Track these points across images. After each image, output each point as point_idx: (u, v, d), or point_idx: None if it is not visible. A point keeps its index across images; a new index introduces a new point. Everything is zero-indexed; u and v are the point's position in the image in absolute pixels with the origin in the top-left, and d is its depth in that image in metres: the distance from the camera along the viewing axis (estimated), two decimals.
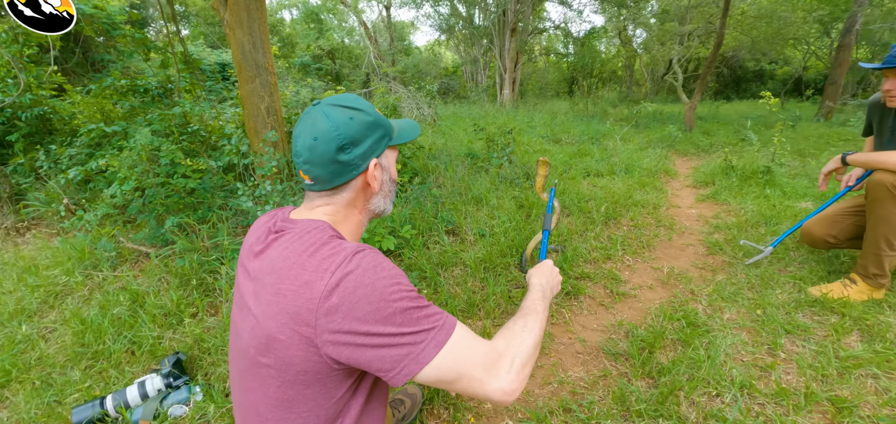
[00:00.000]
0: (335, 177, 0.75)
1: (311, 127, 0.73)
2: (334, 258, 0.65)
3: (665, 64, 14.04)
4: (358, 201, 0.81)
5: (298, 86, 7.12)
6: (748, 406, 1.37)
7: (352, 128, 0.74)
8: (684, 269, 2.30)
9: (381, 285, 0.63)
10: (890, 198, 1.69)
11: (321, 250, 0.67)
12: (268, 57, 2.96)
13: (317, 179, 0.75)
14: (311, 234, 0.70)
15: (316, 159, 0.73)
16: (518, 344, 0.73)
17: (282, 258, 0.68)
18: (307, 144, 0.73)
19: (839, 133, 6.05)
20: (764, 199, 3.17)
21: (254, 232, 0.81)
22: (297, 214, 0.79)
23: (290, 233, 0.71)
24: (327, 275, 0.63)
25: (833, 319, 1.76)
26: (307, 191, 0.80)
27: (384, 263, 0.67)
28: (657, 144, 5.99)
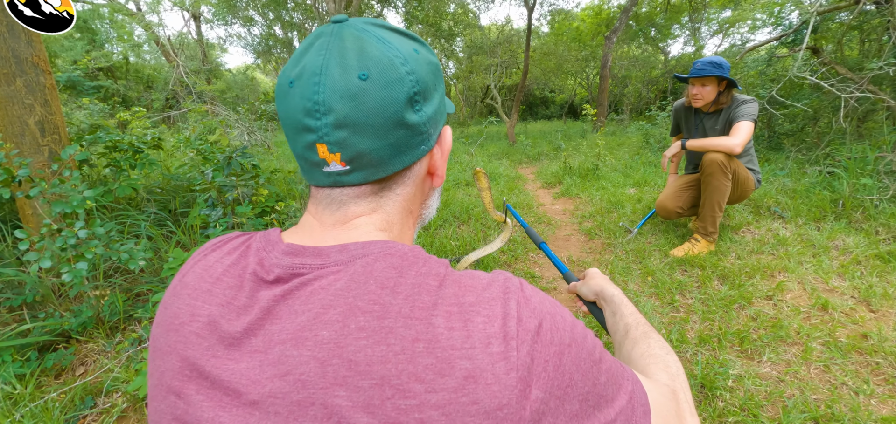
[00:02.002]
0: (397, 154, 0.42)
1: (353, 55, 0.39)
2: (489, 307, 0.35)
3: (483, 89, 16.07)
4: (416, 201, 0.49)
5: (68, 108, 5.27)
6: (690, 356, 1.53)
7: (421, 68, 0.42)
8: (579, 256, 2.52)
9: (579, 335, 0.37)
10: (720, 172, 2.20)
11: (458, 297, 0.35)
12: (38, 50, 2.03)
13: (360, 161, 0.40)
14: (409, 269, 0.37)
15: (364, 119, 0.38)
16: (675, 369, 0.53)
17: (357, 335, 0.32)
18: (346, 88, 0.38)
19: (616, 139, 7.94)
20: (604, 190, 3.83)
21: (200, 288, 0.40)
22: (312, 237, 0.43)
23: (340, 277, 0.36)
24: (508, 345, 0.32)
25: (698, 271, 2.17)
26: (325, 188, 0.44)
27: (549, 297, 0.41)
28: (498, 156, 6.69)
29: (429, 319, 0.33)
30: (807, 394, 1.36)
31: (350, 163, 0.41)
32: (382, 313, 0.33)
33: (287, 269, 0.39)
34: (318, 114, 0.38)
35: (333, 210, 0.44)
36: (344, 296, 0.34)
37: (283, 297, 0.37)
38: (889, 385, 1.40)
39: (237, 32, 13.81)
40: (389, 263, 0.37)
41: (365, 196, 0.44)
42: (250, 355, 0.35)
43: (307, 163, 0.42)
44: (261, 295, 0.38)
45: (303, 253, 0.40)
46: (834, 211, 2.67)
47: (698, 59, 2.28)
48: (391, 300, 0.34)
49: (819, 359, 1.51)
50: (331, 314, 0.34)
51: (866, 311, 1.78)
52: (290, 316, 0.35)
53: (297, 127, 0.40)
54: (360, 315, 0.33)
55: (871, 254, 2.18)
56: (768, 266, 2.16)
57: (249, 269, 0.40)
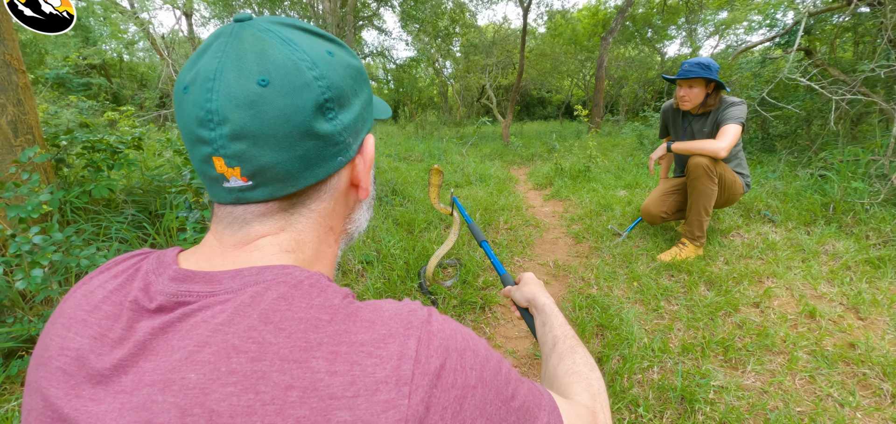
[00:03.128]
0: (307, 167, 0.37)
1: (252, 58, 0.34)
2: (384, 346, 0.30)
3: (479, 89, 16.03)
4: (337, 217, 0.44)
5: (57, 106, 5.19)
6: (672, 366, 1.48)
7: (335, 72, 0.38)
8: (565, 260, 2.47)
9: (490, 373, 0.34)
10: (705, 176, 2.15)
11: (349, 335, 0.31)
12: (10, 48, 1.97)
13: (263, 176, 0.36)
14: (300, 300, 0.32)
15: (265, 130, 0.34)
16: (596, 388, 0.52)
17: (226, 381, 0.28)
18: (243, 95, 0.33)
19: (611, 140, 7.90)
20: (594, 192, 3.78)
21: (75, 317, 0.36)
22: (209, 260, 0.38)
23: (226, 307, 0.32)
24: (400, 391, 0.28)
25: (684, 277, 2.12)
26: (227, 206, 0.39)
27: (463, 327, 0.37)
28: (491, 157, 6.64)
29: (308, 362, 0.28)
30: (791, 406, 1.31)
31: (252, 179, 0.36)
32: (259, 354, 0.28)
33: (171, 297, 0.34)
34: (212, 124, 0.34)
35: (235, 229, 0.39)
36: (223, 333, 0.30)
37: (162, 330, 0.32)
38: (875, 396, 1.35)
39: None
40: (279, 293, 0.32)
41: (272, 214, 0.39)
42: (115, 396, 0.30)
43: (207, 179, 0.37)
44: (139, 326, 0.33)
45: (192, 279, 0.35)
46: (824, 214, 2.63)
47: (686, 59, 2.23)
48: (272, 338, 0.29)
49: (805, 369, 1.47)
50: (204, 353, 0.29)
51: (855, 319, 1.74)
52: (166, 352, 0.31)
53: (192, 138, 0.35)
54: (234, 356, 0.28)
55: (861, 260, 2.13)
56: (757, 271, 2.12)
57: (131, 296, 0.35)
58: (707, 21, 12.91)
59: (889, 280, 1.97)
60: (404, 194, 3.51)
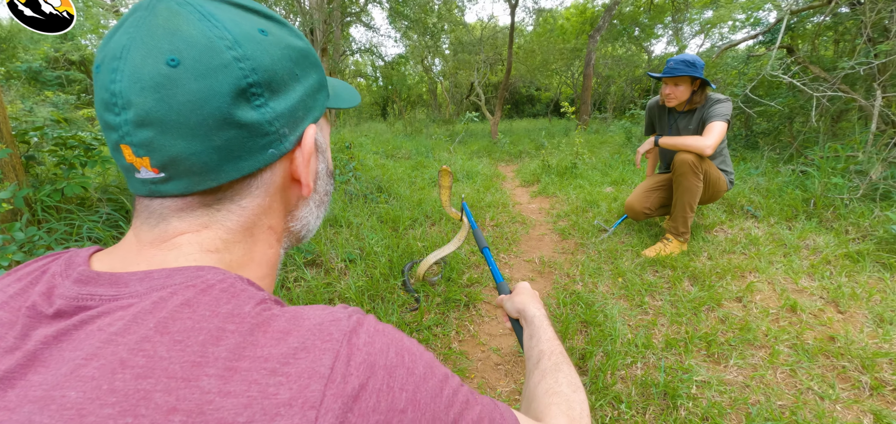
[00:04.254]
0: (228, 160, 0.33)
1: (162, 35, 0.31)
2: (298, 362, 0.27)
3: (468, 86, 16.00)
4: (276, 215, 0.40)
5: (30, 102, 5.01)
6: (655, 362, 1.48)
7: (266, 53, 0.34)
8: (550, 257, 2.46)
9: (428, 393, 0.30)
10: (691, 173, 2.15)
11: (258, 349, 0.27)
12: None
13: (176, 168, 0.32)
14: (205, 308, 0.29)
15: (174, 116, 0.31)
16: (578, 412, 0.48)
17: (105, 400, 0.24)
18: (149, 77, 0.30)
19: (598, 138, 7.93)
20: (581, 189, 3.79)
21: None
22: (124, 260, 0.35)
23: (126, 314, 0.28)
24: (306, 416, 0.25)
25: (668, 272, 2.12)
26: (146, 199, 0.36)
27: (403, 339, 0.33)
28: (479, 154, 6.62)
29: (198, 380, 0.24)
30: (772, 400, 1.31)
31: (164, 170, 0.32)
32: (146, 370, 0.25)
33: (72, 301, 0.30)
34: (117, 108, 0.30)
35: (152, 225, 0.35)
36: (114, 344, 0.26)
37: (56, 338, 0.28)
38: (855, 389, 1.36)
39: None
40: (184, 299, 0.29)
41: (191, 209, 0.35)
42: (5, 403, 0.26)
43: (122, 169, 0.34)
44: (34, 334, 0.29)
45: (96, 282, 0.31)
46: (805, 210, 2.66)
47: (672, 57, 2.23)
48: (164, 352, 0.25)
49: (786, 363, 1.47)
50: (90, 367, 0.25)
51: (834, 312, 1.75)
52: (56, 364, 0.27)
53: (104, 124, 0.32)
54: (119, 371, 0.25)
55: (841, 254, 2.16)
56: (739, 266, 2.13)
57: (29, 301, 0.31)
58: (693, 20, 13.06)
59: (867, 273, 1.99)
60: (390, 191, 3.47)
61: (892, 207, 2.40)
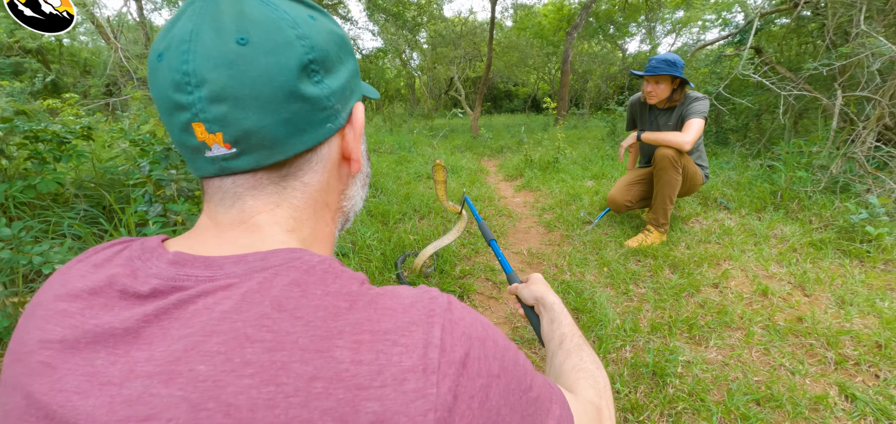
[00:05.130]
0: (295, 133, 0.35)
1: (229, 18, 0.32)
2: (408, 334, 0.29)
3: (447, 81, 16.00)
4: (332, 192, 0.42)
5: None
6: (643, 344, 1.57)
7: (318, 34, 0.36)
8: (538, 249, 2.54)
9: (510, 362, 0.33)
10: (671, 167, 2.26)
11: (371, 323, 0.30)
12: None
13: (248, 142, 0.34)
14: (315, 287, 0.31)
15: (247, 90, 0.32)
16: (602, 385, 0.53)
17: (242, 372, 0.26)
18: (222, 54, 0.32)
19: (577, 133, 8.13)
20: (563, 183, 3.89)
21: (54, 309, 0.33)
22: (206, 243, 0.36)
23: (230, 294, 0.30)
24: (428, 379, 0.27)
25: (650, 261, 2.23)
26: (214, 179, 0.37)
27: (480, 316, 0.36)
28: (461, 149, 6.67)
29: (330, 351, 0.27)
30: (749, 377, 1.42)
31: (236, 145, 0.34)
32: (275, 344, 0.27)
33: (167, 282, 0.32)
34: (190, 86, 0.32)
35: (228, 205, 0.37)
36: (231, 321, 0.28)
37: (156, 317, 0.30)
38: (821, 365, 1.48)
39: None
40: (291, 279, 0.31)
41: (263, 186, 0.37)
42: (101, 389, 0.27)
43: (188, 151, 0.35)
44: (129, 313, 0.31)
45: (191, 264, 0.33)
46: (773, 202, 2.84)
47: (654, 56, 2.33)
48: (289, 327, 0.28)
49: (760, 343, 1.59)
50: (212, 343, 0.27)
51: (801, 296, 1.89)
52: (162, 341, 0.28)
53: (169, 105, 0.34)
54: (248, 346, 0.27)
55: (806, 242, 2.32)
56: (715, 255, 2.26)
57: (118, 283, 0.33)
58: (665, 19, 13.50)
59: (830, 260, 2.16)
60: (377, 186, 3.47)
61: (850, 199, 2.59)
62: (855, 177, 2.69)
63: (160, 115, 0.36)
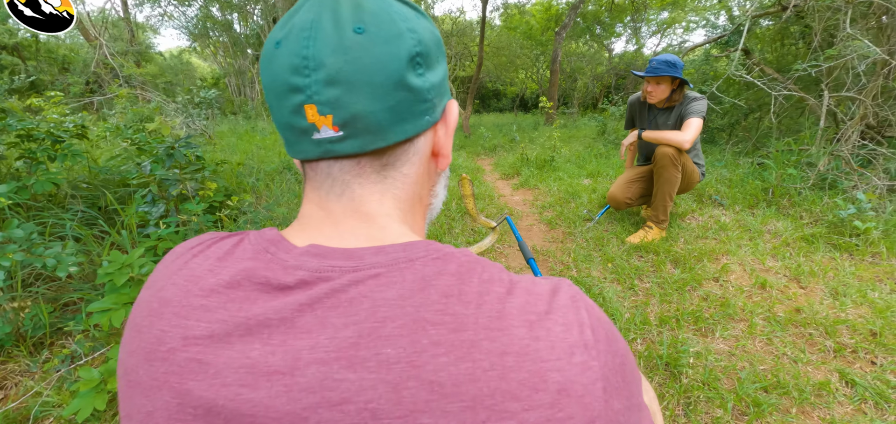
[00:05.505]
0: (397, 121, 0.37)
1: (347, 9, 0.35)
2: (563, 314, 0.31)
3: None
4: (423, 185, 0.43)
5: None
6: (654, 337, 1.62)
7: (423, 30, 0.38)
8: (543, 246, 2.58)
9: (622, 342, 0.36)
10: (671, 165, 2.33)
11: (531, 305, 0.31)
12: None
13: (354, 125, 0.35)
14: (469, 274, 0.32)
15: (361, 76, 0.34)
16: (651, 393, 0.55)
17: (433, 351, 0.28)
18: (339, 41, 0.33)
19: (568, 132, 8.24)
20: (560, 181, 3.95)
21: (190, 304, 0.33)
22: (327, 234, 0.38)
23: (383, 282, 0.31)
24: (589, 354, 0.30)
25: (652, 257, 2.30)
26: (319, 163, 0.38)
27: None
28: (455, 147, 6.70)
29: (510, 330, 0.29)
30: (755, 366, 1.48)
31: (343, 128, 0.35)
32: (458, 325, 0.29)
33: (313, 273, 0.33)
34: (308, 70, 0.33)
35: (338, 193, 0.38)
36: (402, 306, 0.30)
37: (310, 306, 0.31)
38: (821, 353, 1.56)
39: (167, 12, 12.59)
40: (441, 268, 0.32)
41: (367, 174, 0.38)
42: (269, 379, 0.28)
43: (294, 133, 0.37)
44: (275, 304, 0.31)
45: (331, 255, 0.34)
46: (765, 198, 2.95)
47: (655, 56, 2.39)
48: (462, 309, 0.30)
49: (762, 333, 1.66)
50: (390, 328, 0.29)
51: (797, 288, 1.98)
52: (321, 329, 0.29)
53: (284, 89, 0.35)
54: (431, 328, 0.28)
55: (798, 237, 2.42)
56: (713, 250, 2.34)
57: (258, 275, 0.34)
58: (650, 20, 13.76)
59: (821, 253, 2.25)
60: None
61: (837, 195, 2.71)
62: (841, 174, 2.81)
63: (269, 100, 0.38)
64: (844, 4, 2.72)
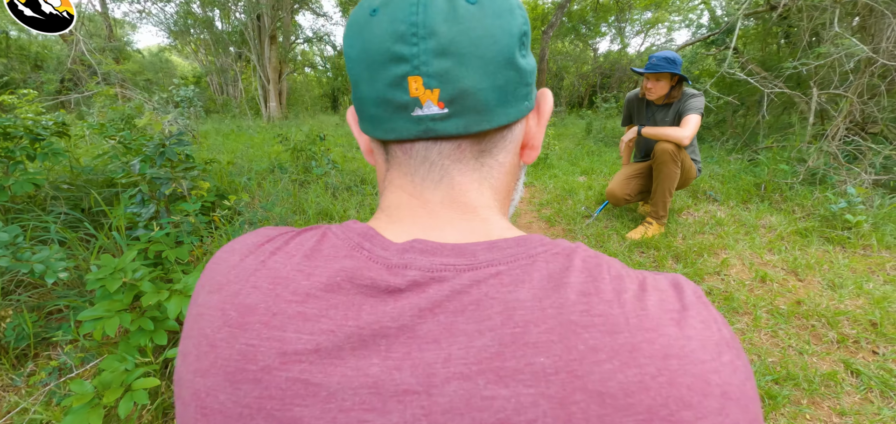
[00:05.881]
0: (502, 102, 0.33)
1: None
2: (697, 311, 0.28)
3: None
4: (512, 177, 0.39)
5: None
6: None
7: (525, 13, 0.35)
8: None
9: None
10: (671, 161, 2.35)
11: (667, 301, 0.28)
12: None
13: (461, 103, 0.32)
14: (597, 271, 0.29)
15: (472, 49, 0.31)
16: None
17: (594, 358, 0.25)
18: (452, 10, 0.30)
19: (557, 130, 8.28)
20: (556, 178, 3.96)
21: (282, 312, 0.28)
22: (423, 226, 0.34)
23: (519, 281, 0.28)
24: (733, 352, 0.27)
25: (654, 252, 2.31)
26: (414, 144, 0.34)
27: None
28: None
29: (662, 329, 0.26)
30: (764, 358, 1.50)
31: (449, 105, 0.31)
32: (610, 326, 0.25)
33: (425, 272, 0.29)
34: (416, 38, 0.30)
35: (436, 180, 0.34)
36: (541, 308, 0.26)
37: (430, 311, 0.27)
38: (825, 343, 1.58)
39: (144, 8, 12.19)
40: (566, 263, 0.29)
41: (466, 159, 0.34)
42: (400, 400, 0.24)
43: (388, 109, 0.33)
44: (388, 310, 0.27)
45: (439, 251, 0.30)
46: (758, 193, 3.00)
47: (654, 53, 2.40)
48: (607, 309, 0.26)
49: (767, 326, 1.68)
50: (535, 334, 0.25)
51: (796, 281, 2.01)
52: (451, 338, 0.26)
53: (383, 59, 0.31)
54: (582, 331, 0.25)
55: (792, 231, 2.47)
56: (712, 245, 2.36)
57: (361, 276, 0.29)
58: (634, 20, 13.97)
59: (815, 247, 2.30)
60: (374, 183, 3.42)
61: (827, 190, 2.78)
62: (830, 170, 2.88)
63: (357, 72, 0.34)
64: (831, 4, 2.79)
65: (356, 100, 0.36)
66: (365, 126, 0.36)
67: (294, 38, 15.68)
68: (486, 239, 0.32)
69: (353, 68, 0.34)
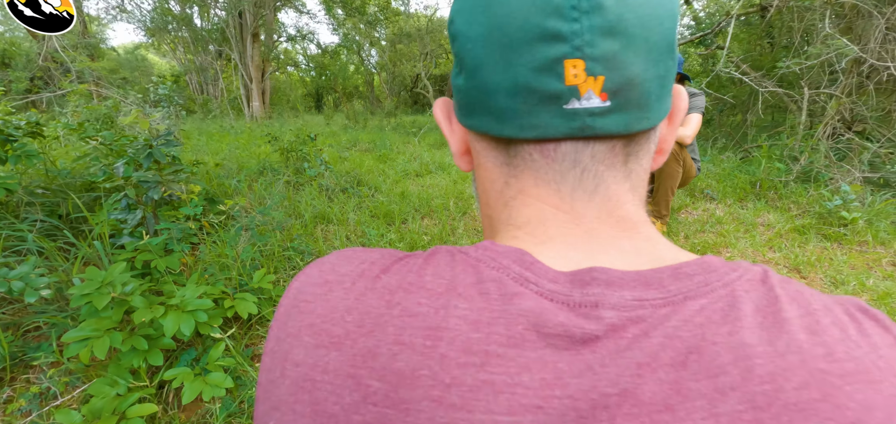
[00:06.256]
0: (660, 96, 0.27)
1: None
2: None
3: (412, 79, 15.81)
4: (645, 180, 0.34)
5: None
6: None
7: None
8: None
9: None
10: (673, 159, 2.34)
11: (847, 324, 0.23)
12: None
13: (625, 95, 0.25)
14: (801, 296, 0.24)
15: (641, 30, 0.24)
16: None
17: (863, 403, 0.19)
18: None
19: None
20: None
21: (465, 363, 0.21)
22: (570, 243, 0.27)
23: (712, 313, 0.22)
24: None
25: None
26: (560, 144, 0.27)
27: None
28: (436, 146, 6.60)
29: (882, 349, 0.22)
30: None
31: (614, 96, 0.25)
32: (867, 376, 0.21)
33: (622, 313, 0.22)
34: (576, 12, 0.23)
35: (590, 189, 0.28)
36: (778, 353, 0.21)
37: (650, 367, 0.21)
38: None
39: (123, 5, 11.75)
40: (764, 292, 0.24)
41: (617, 165, 0.28)
42: None
43: (531, 99, 0.25)
44: (595, 367, 0.21)
45: (623, 283, 0.24)
46: (753, 191, 3.03)
47: None
48: (851, 351, 0.22)
49: None
50: (790, 390, 0.20)
51: (799, 277, 2.02)
52: (683, 401, 0.20)
53: (528, 36, 0.24)
54: (841, 384, 0.20)
55: (790, 228, 2.49)
56: (715, 243, 2.37)
57: (548, 322, 0.22)
58: None
59: (813, 244, 2.33)
60: (370, 184, 3.33)
61: (820, 187, 2.82)
62: (822, 167, 2.93)
63: (484, 56, 0.26)
64: (822, 4, 2.84)
65: (473, 90, 0.28)
66: (484, 122, 0.28)
67: (277, 37, 15.35)
68: (660, 263, 0.26)
69: (473, 49, 0.27)
